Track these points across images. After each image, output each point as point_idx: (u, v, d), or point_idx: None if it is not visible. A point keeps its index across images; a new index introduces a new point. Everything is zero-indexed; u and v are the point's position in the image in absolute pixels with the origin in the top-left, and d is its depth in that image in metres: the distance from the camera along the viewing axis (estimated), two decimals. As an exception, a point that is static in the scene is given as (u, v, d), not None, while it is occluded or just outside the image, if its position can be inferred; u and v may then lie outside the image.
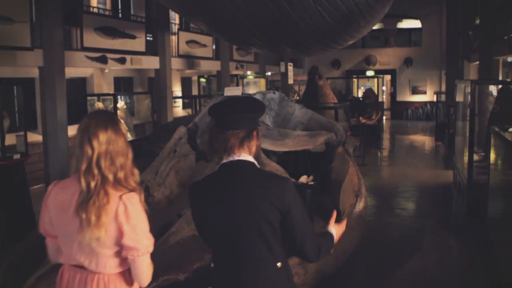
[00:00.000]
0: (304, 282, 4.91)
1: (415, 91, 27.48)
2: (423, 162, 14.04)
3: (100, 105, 11.59)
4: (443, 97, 21.26)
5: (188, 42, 15.19)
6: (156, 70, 13.28)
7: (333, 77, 23.49)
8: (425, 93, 27.27)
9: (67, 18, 9.73)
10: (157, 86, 13.39)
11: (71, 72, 11.19)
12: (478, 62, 13.81)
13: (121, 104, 11.14)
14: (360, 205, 6.31)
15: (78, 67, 11.12)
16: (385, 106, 26.58)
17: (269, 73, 22.32)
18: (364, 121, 14.91)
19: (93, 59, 10.55)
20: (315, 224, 4.41)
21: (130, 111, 12.77)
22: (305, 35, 8.32)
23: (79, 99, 12.56)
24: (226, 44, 16.49)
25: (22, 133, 8.66)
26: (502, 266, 5.49)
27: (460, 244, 7.04)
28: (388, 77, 28.38)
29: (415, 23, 28.14)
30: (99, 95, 11.71)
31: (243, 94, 7.75)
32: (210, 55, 16.75)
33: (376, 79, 22.06)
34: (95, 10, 12.45)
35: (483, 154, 9.10)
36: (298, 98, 26.70)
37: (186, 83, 18.99)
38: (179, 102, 17.61)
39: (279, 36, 8.35)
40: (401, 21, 28.18)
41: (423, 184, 10.84)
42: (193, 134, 7.32)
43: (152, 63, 12.95)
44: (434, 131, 21.15)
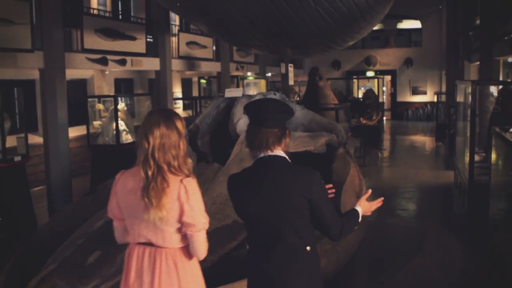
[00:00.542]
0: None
1: (415, 91, 27.48)
2: (423, 163, 14.04)
3: (100, 106, 11.58)
4: (443, 98, 21.28)
5: (188, 44, 15.20)
6: (156, 72, 13.29)
7: (333, 78, 23.48)
8: (425, 93, 27.26)
9: (67, 20, 9.73)
10: (157, 87, 13.39)
11: (71, 74, 11.19)
12: (478, 63, 13.81)
13: (121, 105, 11.13)
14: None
15: (79, 69, 11.13)
16: (385, 106, 26.56)
17: (269, 74, 22.30)
18: (364, 122, 14.90)
19: (93, 60, 10.56)
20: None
21: (131, 112, 12.76)
22: (305, 36, 8.32)
23: (79, 100, 12.56)
24: (226, 45, 16.49)
25: (23, 135, 8.68)
26: (504, 267, 5.49)
27: (462, 245, 7.04)
28: (388, 77, 28.37)
29: (415, 24, 28.14)
30: (99, 97, 11.71)
31: (243, 95, 7.74)
32: (211, 56, 16.75)
33: (376, 80, 22.05)
34: (95, 12, 12.46)
35: (484, 154, 9.10)
36: (298, 99, 26.70)
37: (186, 84, 18.99)
38: (180, 103, 17.61)
39: (280, 37, 8.35)
40: (401, 21, 28.18)
41: (424, 185, 10.85)
42: (194, 136, 7.33)
43: (152, 64, 12.95)
44: (434, 131, 21.17)
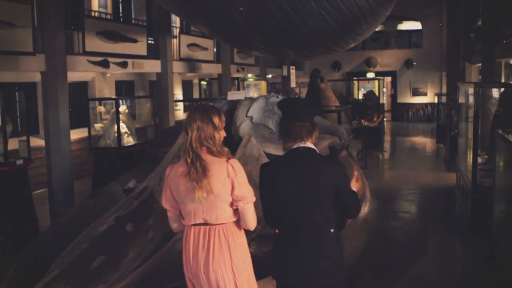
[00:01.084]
0: None
1: (415, 92, 27.45)
2: (425, 164, 14.03)
3: (101, 109, 11.57)
4: (443, 99, 21.26)
5: (189, 46, 15.18)
6: (157, 74, 13.27)
7: (334, 79, 23.44)
8: (425, 94, 27.24)
9: (68, 22, 9.71)
10: (158, 89, 13.37)
11: (72, 76, 11.17)
12: (479, 64, 13.80)
13: (123, 108, 11.11)
14: (364, 210, 6.28)
15: (80, 72, 11.11)
16: (386, 107, 26.55)
17: (270, 76, 22.29)
18: (366, 123, 14.89)
19: (95, 63, 10.54)
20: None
21: (132, 114, 12.75)
22: (308, 39, 8.31)
23: (81, 103, 12.55)
24: (227, 47, 16.48)
25: (24, 138, 8.66)
26: (507, 270, 5.47)
27: (465, 247, 7.02)
28: (388, 78, 28.35)
29: (415, 25, 28.13)
30: (101, 99, 11.69)
31: (245, 98, 7.72)
32: (211, 58, 16.73)
33: (377, 81, 22.02)
34: (97, 14, 12.46)
35: (486, 156, 9.08)
36: (298, 100, 26.68)
37: (187, 86, 18.97)
38: (180, 105, 17.59)
39: (282, 40, 8.35)
40: (401, 22, 28.17)
41: (426, 187, 10.83)
42: (196, 139, 7.32)
43: (153, 66, 12.93)
44: (435, 132, 21.13)
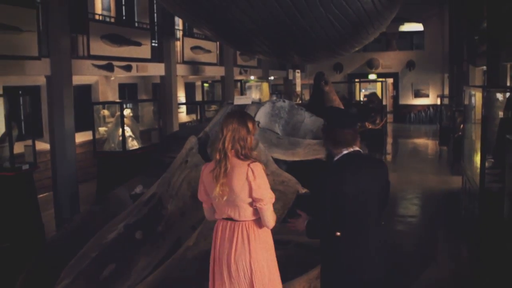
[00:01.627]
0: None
1: (417, 94, 27.41)
2: (429, 168, 13.98)
3: (106, 112, 11.53)
4: (446, 101, 21.23)
5: (193, 48, 15.15)
6: (161, 77, 13.23)
7: (337, 82, 23.42)
8: (427, 96, 27.20)
9: (73, 26, 9.67)
10: (162, 92, 13.34)
11: (76, 80, 11.13)
12: (483, 67, 13.74)
13: (127, 111, 11.07)
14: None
15: (85, 75, 11.09)
16: (388, 109, 26.51)
17: (272, 78, 22.29)
18: (370, 126, 14.85)
19: (99, 67, 10.51)
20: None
21: (135, 117, 12.71)
22: (314, 43, 8.25)
23: (84, 106, 12.51)
24: (230, 50, 16.45)
25: (28, 141, 8.65)
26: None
27: (474, 254, 6.98)
28: (390, 80, 28.32)
29: (417, 26, 28.09)
30: (105, 103, 11.66)
31: (252, 102, 7.69)
32: (215, 60, 16.71)
33: (380, 84, 21.99)
34: (100, 18, 12.43)
35: (492, 160, 9.04)
36: (300, 101, 26.67)
37: (189, 88, 18.94)
38: (183, 107, 17.56)
39: (288, 44, 8.29)
40: (403, 24, 28.14)
41: (431, 190, 10.80)
42: (204, 144, 7.27)
43: (157, 70, 12.90)
44: (437, 134, 21.09)
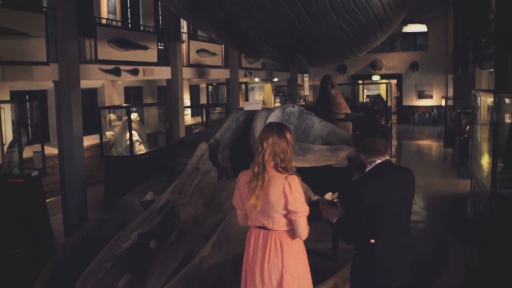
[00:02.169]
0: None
1: (421, 95, 27.37)
2: (435, 171, 13.92)
3: (112, 116, 11.51)
4: (450, 102, 21.16)
5: (199, 51, 15.14)
6: (167, 80, 13.21)
7: (341, 83, 23.37)
8: (431, 97, 27.17)
9: (80, 30, 9.64)
10: (168, 96, 13.31)
11: (82, 83, 11.06)
12: (490, 70, 13.69)
13: (134, 115, 11.04)
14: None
15: (92, 80, 11.07)
16: (391, 110, 26.45)
17: (276, 79, 22.28)
18: (377, 130, 14.77)
19: (106, 71, 10.48)
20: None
21: (141, 120, 12.70)
22: (324, 48, 8.26)
23: (90, 110, 12.48)
24: (235, 52, 16.43)
25: (36, 146, 8.63)
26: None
27: (487, 260, 6.94)
28: (393, 81, 28.28)
29: (420, 27, 28.04)
30: (112, 108, 11.64)
31: (263, 108, 7.65)
32: (220, 63, 16.69)
33: (384, 85, 21.91)
34: (106, 22, 12.41)
35: (502, 165, 9.00)
36: (304, 103, 26.66)
37: (194, 90, 18.91)
38: (188, 110, 17.54)
39: (298, 49, 8.29)
40: (406, 25, 28.09)
41: (439, 195, 10.74)
42: (214, 151, 7.24)
43: (163, 73, 12.87)
44: (442, 136, 21.02)
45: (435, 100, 26.98)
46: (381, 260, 3.42)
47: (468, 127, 15.53)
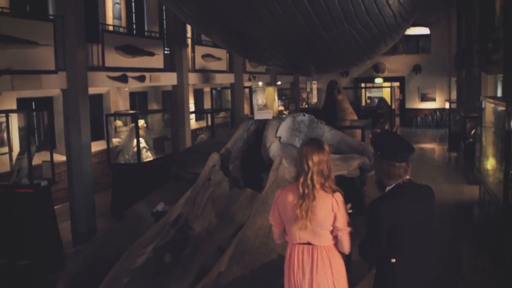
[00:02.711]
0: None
1: (424, 98, 27.33)
2: (440, 176, 13.85)
3: (119, 123, 11.47)
4: (453, 105, 21.09)
5: (204, 56, 15.11)
6: (173, 86, 13.17)
7: (345, 87, 23.33)
8: (434, 100, 27.13)
9: (87, 36, 9.61)
10: (174, 101, 13.26)
11: (88, 89, 11.07)
12: (497, 75, 13.65)
13: (141, 122, 11.00)
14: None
15: (100, 87, 11.02)
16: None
17: (279, 83, 22.29)
18: (384, 136, 14.73)
19: (114, 78, 10.44)
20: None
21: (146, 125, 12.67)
22: (334, 56, 8.23)
23: (96, 116, 12.45)
24: (239, 57, 16.39)
25: (42, 153, 8.59)
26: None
27: (501, 270, 6.90)
28: (396, 84, 28.24)
29: (422, 30, 27.97)
30: (120, 115, 11.60)
31: (273, 117, 7.61)
32: (225, 68, 16.66)
33: (388, 89, 21.90)
34: (112, 28, 12.37)
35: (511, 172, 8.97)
36: (306, 106, 26.65)
37: (197, 95, 18.89)
38: (192, 114, 17.50)
39: (308, 57, 8.25)
40: (409, 27, 28.00)
41: (447, 201, 10.66)
42: (226, 161, 7.20)
43: (170, 79, 12.83)
44: (445, 139, 20.96)
45: (438, 103, 26.94)
46: (401, 280, 3.41)
47: (473, 131, 15.51)
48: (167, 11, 15.28)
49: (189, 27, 15.92)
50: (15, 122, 9.62)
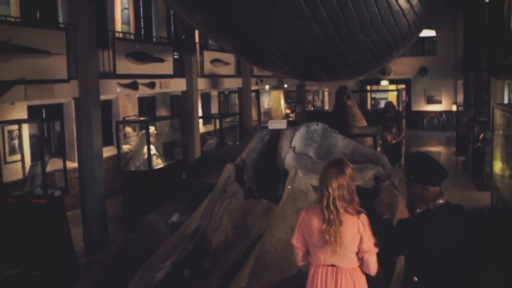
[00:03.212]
0: None
1: (430, 100, 27.27)
2: (449, 181, 13.69)
3: (129, 130, 11.46)
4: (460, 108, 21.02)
5: (212, 61, 15.08)
6: (182, 92, 13.14)
7: (353, 91, 23.27)
8: (440, 102, 27.06)
9: (97, 44, 9.59)
10: (183, 107, 13.23)
11: (99, 96, 11.07)
12: (507, 81, 13.61)
13: (151, 129, 10.98)
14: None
15: (111, 95, 11.01)
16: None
17: (286, 85, 22.30)
18: (394, 141, 14.74)
19: (124, 85, 10.42)
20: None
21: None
22: (348, 65, 8.19)
23: (105, 122, 12.43)
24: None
25: (53, 160, 8.55)
26: None
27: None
28: (401, 86, 28.17)
29: (429, 32, 27.92)
30: (131, 122, 11.57)
31: (287, 127, 7.57)
32: (233, 72, 16.64)
33: (391, 91, 21.86)
34: (122, 35, 12.36)
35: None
36: (312, 108, 26.63)
37: (205, 99, 18.87)
38: (200, 119, 17.50)
39: (321, 67, 8.22)
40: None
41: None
42: (241, 171, 7.16)
43: (179, 85, 12.81)
44: (452, 142, 20.91)
45: (444, 105, 26.89)
46: None
47: (481, 135, 15.45)
48: (175, 15, 15.28)
49: (197, 32, 15.89)
50: (26, 129, 9.62)
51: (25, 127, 9.57)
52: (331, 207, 3.44)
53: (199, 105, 17.93)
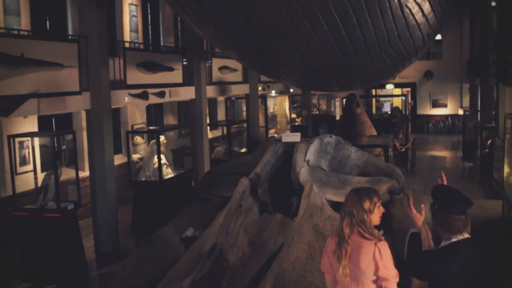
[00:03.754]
0: None
1: (435, 104, 27.20)
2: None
3: (139, 139, 11.45)
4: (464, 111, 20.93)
5: (221, 68, 15.07)
6: (191, 100, 13.12)
7: (361, 96, 23.23)
8: (445, 106, 27.00)
9: (112, 55, 9.59)
10: (192, 115, 13.21)
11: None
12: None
13: (162, 138, 10.96)
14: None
15: (122, 105, 10.99)
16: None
17: (292, 90, 22.31)
18: (404, 149, 14.71)
19: (135, 96, 10.40)
20: None
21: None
22: (361, 78, 8.19)
23: (115, 130, 12.43)
24: (255, 68, 16.37)
25: (64, 169, 8.52)
26: None
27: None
28: (407, 89, 28.13)
29: (434, 35, 27.84)
30: (141, 132, 11.56)
31: (301, 140, 7.55)
32: (240, 79, 16.63)
33: (397, 96, 21.80)
34: (130, 45, 12.35)
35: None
36: (318, 112, 26.60)
37: (211, 104, 18.85)
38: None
39: (336, 79, 8.20)
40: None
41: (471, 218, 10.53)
42: (255, 185, 7.14)
43: (188, 93, 12.79)
44: (458, 146, 20.81)
45: (449, 109, 26.83)
46: None
47: (489, 141, 15.41)
48: (182, 22, 15.26)
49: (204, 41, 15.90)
50: (36, 139, 9.62)
51: (36, 138, 9.57)
52: (339, 231, 3.52)
53: (206, 111, 17.94)
